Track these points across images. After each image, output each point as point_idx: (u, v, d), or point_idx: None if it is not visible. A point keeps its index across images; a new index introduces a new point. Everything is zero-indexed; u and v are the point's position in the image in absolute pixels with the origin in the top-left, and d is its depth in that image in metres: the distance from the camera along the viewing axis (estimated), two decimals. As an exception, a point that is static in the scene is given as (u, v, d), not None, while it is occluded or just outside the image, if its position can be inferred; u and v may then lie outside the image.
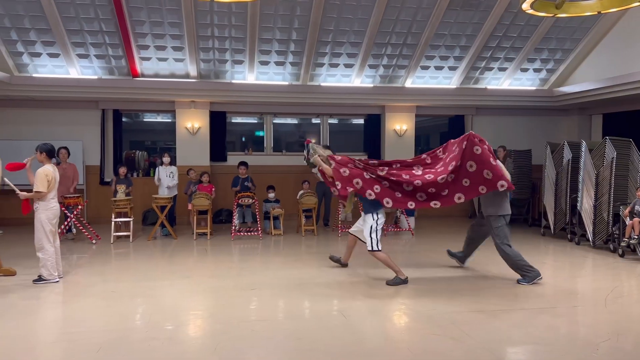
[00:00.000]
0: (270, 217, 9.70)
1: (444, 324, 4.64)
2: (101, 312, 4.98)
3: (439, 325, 4.60)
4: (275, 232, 9.64)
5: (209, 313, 5.01)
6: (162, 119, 13.11)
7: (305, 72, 10.66)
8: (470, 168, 5.98)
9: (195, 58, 10.04)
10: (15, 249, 7.88)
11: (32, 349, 4.13)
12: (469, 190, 6.02)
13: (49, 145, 6.24)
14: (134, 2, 8.73)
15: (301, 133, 13.85)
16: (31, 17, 8.83)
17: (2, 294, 5.55)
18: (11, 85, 9.73)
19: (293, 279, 6.33)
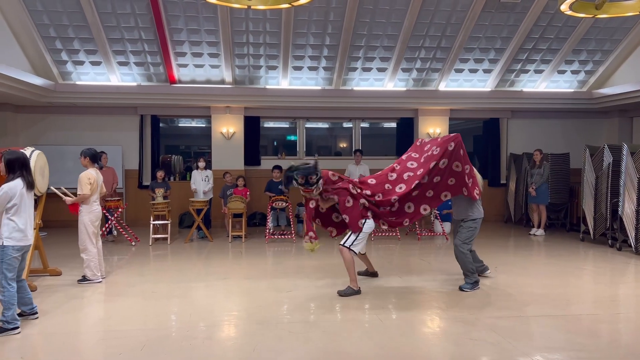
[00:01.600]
0: (303, 220, 9.77)
1: (481, 329, 4.60)
2: (142, 312, 5.13)
3: (476, 331, 4.56)
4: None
5: (246, 314, 5.10)
6: (197, 124, 13.39)
7: (338, 77, 10.73)
8: (457, 168, 5.88)
9: (230, 64, 10.24)
10: (60, 250, 8.19)
11: (79, 346, 4.30)
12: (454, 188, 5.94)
13: (93, 150, 6.48)
14: (172, 10, 8.98)
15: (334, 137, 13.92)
16: (75, 27, 9.19)
17: (50, 293, 5.78)
18: (56, 92, 10.13)
19: (327, 282, 6.37)
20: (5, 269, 4.43)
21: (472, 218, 6.04)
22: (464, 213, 6.07)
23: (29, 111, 10.97)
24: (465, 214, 6.07)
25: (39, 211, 6.26)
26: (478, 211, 6.07)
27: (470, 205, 6.02)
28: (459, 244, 6.05)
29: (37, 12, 8.83)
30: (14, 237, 4.45)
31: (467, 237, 6.06)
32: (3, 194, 4.39)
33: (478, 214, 6.07)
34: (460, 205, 6.12)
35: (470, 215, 6.04)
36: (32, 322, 4.73)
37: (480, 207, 6.12)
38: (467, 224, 6.06)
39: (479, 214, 6.08)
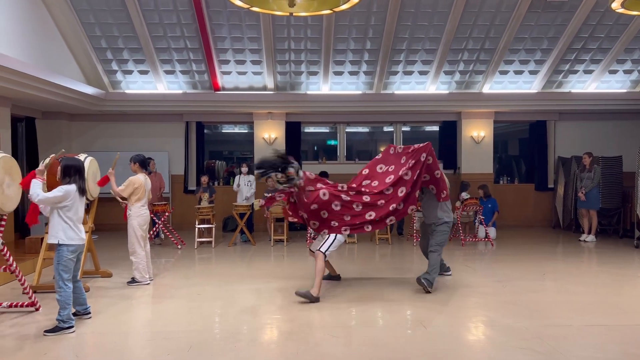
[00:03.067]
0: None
1: (529, 337, 4.46)
2: (188, 313, 5.26)
3: (523, 339, 4.43)
4: (349, 240, 9.70)
5: (289, 317, 5.14)
6: (240, 129, 13.64)
7: (379, 81, 10.70)
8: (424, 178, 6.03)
9: (272, 71, 10.39)
10: (110, 252, 8.51)
11: (129, 346, 4.45)
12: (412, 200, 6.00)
13: (142, 156, 6.71)
14: (217, 19, 9.21)
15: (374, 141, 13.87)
16: (124, 38, 9.56)
17: (101, 294, 6.01)
18: (106, 101, 10.56)
19: (368, 286, 6.34)
20: (61, 270, 4.63)
21: (445, 221, 6.15)
22: (434, 217, 6.16)
23: (81, 119, 11.47)
24: (435, 217, 6.16)
25: (92, 215, 6.53)
26: (449, 215, 6.21)
27: (439, 208, 6.14)
28: (434, 248, 6.14)
29: (90, 24, 9.25)
30: (69, 237, 4.65)
31: (441, 240, 6.16)
32: (60, 194, 4.61)
33: (449, 218, 6.20)
34: (429, 209, 6.24)
35: (441, 219, 6.14)
36: (86, 321, 4.93)
37: (450, 212, 6.27)
38: (440, 228, 6.16)
39: (450, 217, 6.22)
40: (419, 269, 7.43)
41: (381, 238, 9.78)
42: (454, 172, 12.02)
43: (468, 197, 9.79)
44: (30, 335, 4.56)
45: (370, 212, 5.89)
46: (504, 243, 9.69)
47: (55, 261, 4.64)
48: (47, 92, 8.47)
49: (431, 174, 6.06)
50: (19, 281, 5.23)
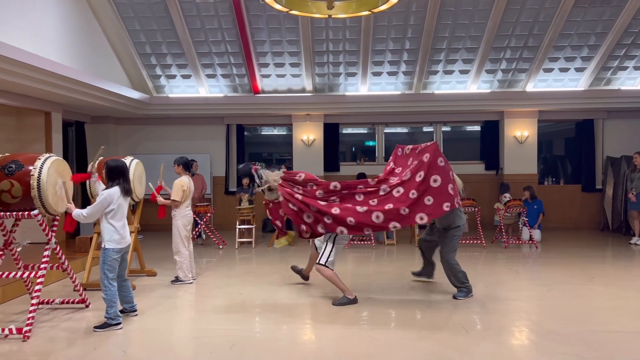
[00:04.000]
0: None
1: (575, 343, 4.32)
2: (229, 312, 5.35)
3: (569, 344, 4.29)
4: (388, 241, 9.65)
5: (328, 318, 5.16)
6: (278, 131, 13.78)
7: (419, 81, 10.60)
8: (434, 183, 5.41)
9: (311, 73, 10.47)
10: (155, 252, 8.77)
11: (174, 343, 4.58)
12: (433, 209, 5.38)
13: (185, 158, 6.89)
14: (256, 23, 9.36)
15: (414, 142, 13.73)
16: (168, 43, 9.85)
17: (146, 292, 6.21)
18: (151, 105, 10.89)
19: (407, 288, 6.29)
20: (106, 269, 4.80)
21: (456, 225, 5.90)
22: (447, 220, 5.87)
23: (127, 123, 11.88)
24: (448, 221, 5.87)
25: (137, 215, 6.75)
26: (460, 218, 5.96)
27: (453, 212, 5.77)
28: (445, 253, 5.89)
29: (135, 31, 9.57)
30: (114, 240, 4.82)
31: (453, 246, 5.93)
32: (102, 199, 4.78)
33: (460, 221, 5.95)
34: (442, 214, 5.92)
35: (454, 223, 5.88)
36: (132, 319, 5.11)
37: (463, 215, 6.04)
38: (451, 233, 5.90)
39: (462, 221, 5.98)
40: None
41: (421, 240, 9.66)
42: (497, 173, 11.76)
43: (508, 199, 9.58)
44: (80, 331, 4.76)
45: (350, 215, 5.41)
46: (549, 246, 9.40)
47: (101, 261, 4.82)
48: (96, 97, 8.82)
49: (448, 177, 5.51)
50: (71, 279, 5.46)
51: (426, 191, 5.40)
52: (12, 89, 7.35)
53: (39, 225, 4.92)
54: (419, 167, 5.50)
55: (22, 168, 4.74)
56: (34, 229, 7.74)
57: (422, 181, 5.41)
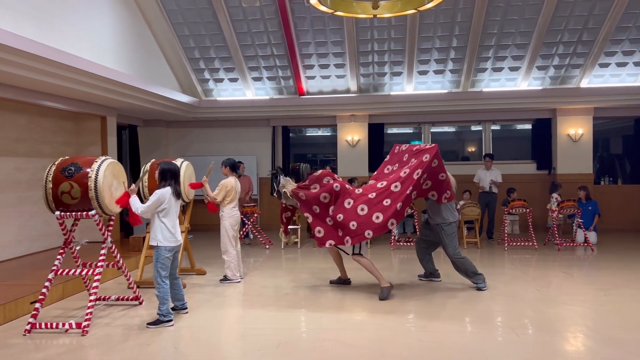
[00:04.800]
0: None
1: (634, 350, 4.11)
2: (276, 311, 5.42)
3: (628, 352, 4.08)
4: (435, 243, 9.48)
5: (374, 318, 5.13)
6: (323, 132, 13.85)
7: (466, 79, 10.38)
8: (425, 186, 5.92)
9: (355, 73, 10.45)
10: (204, 251, 9.00)
11: (223, 341, 4.68)
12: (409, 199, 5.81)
13: (232, 160, 7.03)
14: (301, 25, 9.44)
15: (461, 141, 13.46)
16: (216, 48, 10.09)
17: (196, 291, 6.38)
18: (200, 108, 11.19)
19: (456, 291, 6.17)
20: (160, 267, 4.97)
21: (450, 222, 6.11)
22: (441, 217, 6.12)
23: (177, 126, 12.24)
24: (442, 217, 6.11)
25: (187, 216, 6.94)
26: (453, 215, 6.19)
27: (445, 209, 6.10)
28: (452, 254, 6.09)
29: (184, 36, 9.86)
30: (166, 238, 4.98)
31: (454, 243, 6.13)
32: (156, 198, 4.94)
33: (454, 217, 6.17)
34: (435, 210, 6.17)
35: (447, 219, 6.10)
36: (183, 316, 5.26)
37: (454, 211, 6.25)
38: (447, 229, 6.11)
39: (454, 217, 6.19)
40: (511, 273, 7.12)
41: (469, 242, 9.46)
42: (549, 173, 11.35)
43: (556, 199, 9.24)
44: (134, 327, 4.94)
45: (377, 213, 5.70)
46: (606, 248, 8.98)
47: (154, 260, 4.99)
48: (148, 101, 9.15)
49: (434, 177, 5.91)
50: (125, 277, 5.68)
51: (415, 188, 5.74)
52: (71, 95, 7.73)
53: (96, 225, 5.14)
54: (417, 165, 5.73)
55: (80, 170, 4.97)
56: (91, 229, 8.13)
57: (418, 179, 5.70)
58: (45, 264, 6.84)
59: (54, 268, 5.03)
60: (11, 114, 7.75)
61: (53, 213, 5.04)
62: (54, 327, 4.77)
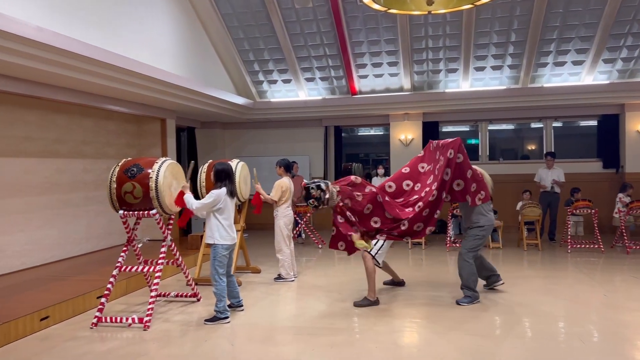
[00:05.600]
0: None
1: None
2: (330, 311, 5.43)
3: None
4: (493, 245, 9.20)
5: (426, 321, 5.03)
6: (375, 132, 13.74)
7: (526, 74, 9.99)
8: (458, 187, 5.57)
9: (409, 71, 10.30)
10: (259, 250, 9.16)
11: (278, 339, 4.72)
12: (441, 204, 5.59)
13: (286, 160, 7.11)
14: (354, 24, 9.41)
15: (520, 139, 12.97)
16: (269, 50, 10.24)
17: (252, 288, 6.49)
18: (254, 109, 11.39)
19: (515, 295, 5.94)
20: (217, 265, 5.09)
21: (479, 225, 5.66)
22: (470, 220, 5.73)
23: (233, 127, 12.53)
24: (470, 220, 5.72)
25: (243, 215, 7.09)
26: (485, 218, 5.68)
27: (476, 211, 5.65)
28: (463, 252, 5.70)
29: (239, 39, 10.07)
30: (223, 237, 5.10)
31: (472, 245, 5.68)
32: (211, 200, 5.07)
33: (485, 221, 5.67)
34: (466, 211, 5.78)
35: (476, 222, 5.66)
36: (239, 313, 5.36)
37: (488, 214, 5.72)
38: (473, 232, 5.70)
39: (487, 221, 5.68)
40: (575, 277, 6.81)
41: (530, 244, 9.11)
42: (617, 172, 10.73)
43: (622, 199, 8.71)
44: (192, 323, 5.10)
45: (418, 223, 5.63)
46: (682, 253, 8.39)
47: (212, 257, 5.12)
48: (205, 104, 9.42)
49: (463, 175, 5.51)
50: (184, 274, 5.87)
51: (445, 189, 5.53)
52: (133, 98, 8.07)
53: (157, 224, 5.34)
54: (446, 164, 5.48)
55: (142, 171, 5.17)
56: (151, 227, 8.46)
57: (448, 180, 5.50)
58: (109, 260, 7.19)
59: (118, 265, 5.27)
60: (79, 117, 8.20)
61: (117, 212, 5.28)
62: (118, 321, 4.99)
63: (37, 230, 7.27)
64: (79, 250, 8.12)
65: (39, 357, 4.27)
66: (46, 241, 7.44)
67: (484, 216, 5.69)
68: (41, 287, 5.92)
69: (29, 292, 5.66)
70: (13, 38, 4.86)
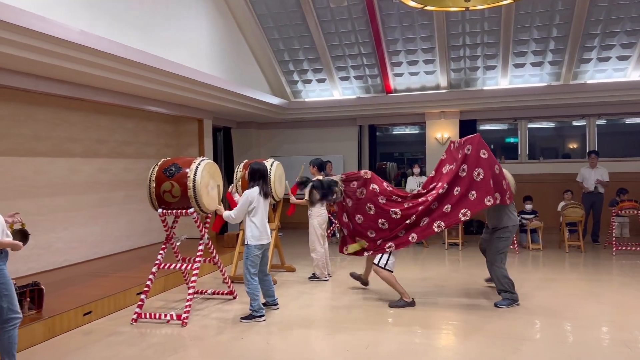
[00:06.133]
0: (527, 230, 9.05)
1: None
2: (365, 312, 5.40)
3: None
4: (533, 246, 8.96)
5: (468, 326, 4.94)
6: (410, 130, 13.58)
7: (568, 71, 9.68)
8: (478, 177, 5.22)
9: (445, 69, 10.14)
10: (293, 249, 9.20)
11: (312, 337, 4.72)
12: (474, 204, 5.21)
13: (320, 160, 7.11)
14: (389, 22, 9.33)
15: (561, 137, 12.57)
16: (304, 49, 10.27)
17: (287, 287, 6.53)
18: (289, 109, 11.45)
19: (556, 298, 5.76)
20: (249, 265, 5.13)
21: (504, 226, 5.51)
22: (495, 221, 5.56)
23: (267, 127, 12.63)
24: (496, 222, 5.55)
25: (277, 214, 7.13)
26: (509, 218, 5.53)
27: (501, 211, 5.49)
28: (492, 258, 5.58)
29: (275, 40, 10.14)
30: (255, 237, 5.13)
31: (499, 248, 5.54)
32: (245, 199, 5.12)
33: (510, 222, 5.52)
34: (491, 212, 5.60)
35: (501, 223, 5.52)
36: (274, 312, 5.40)
37: (512, 214, 5.55)
38: (498, 233, 5.55)
39: (511, 221, 5.53)
40: (620, 280, 6.56)
41: (572, 245, 8.82)
42: (665, 171, 10.27)
43: None
44: (229, 320, 5.16)
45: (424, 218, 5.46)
46: None
47: (244, 257, 5.17)
48: (241, 104, 9.53)
49: (491, 172, 5.23)
50: (220, 272, 5.96)
51: (470, 185, 5.26)
52: (172, 99, 8.24)
53: (194, 222, 5.44)
54: (462, 160, 5.34)
55: (180, 170, 5.28)
56: (189, 225, 8.62)
57: (465, 176, 5.28)
58: (149, 258, 7.37)
59: (157, 262, 5.39)
60: (120, 118, 8.43)
61: (156, 210, 5.41)
62: (156, 318, 5.11)
63: (81, 227, 7.52)
64: (119, 248, 8.36)
65: (83, 350, 4.42)
66: (89, 238, 7.69)
67: (510, 218, 5.55)
68: (84, 283, 6.13)
69: (73, 288, 5.87)
70: (59, 42, 5.04)
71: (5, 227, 3.64)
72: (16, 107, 6.48)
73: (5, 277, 3.59)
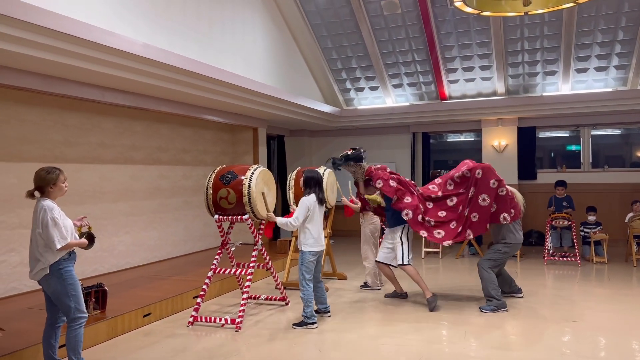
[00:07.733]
0: (590, 242, 8.61)
1: None
2: (417, 322, 5.30)
3: None
4: (596, 259, 8.51)
5: (526, 339, 4.75)
6: (465, 138, 13.25)
7: (635, 75, 9.19)
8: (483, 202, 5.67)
9: (503, 75, 9.87)
10: (345, 256, 9.18)
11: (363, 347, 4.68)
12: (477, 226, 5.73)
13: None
14: (444, 29, 9.20)
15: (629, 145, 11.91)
16: (357, 58, 10.29)
17: (338, 295, 6.52)
18: (341, 117, 11.50)
19: (622, 313, 5.44)
20: (304, 271, 5.18)
21: (505, 241, 5.79)
22: (498, 234, 5.86)
23: (320, 135, 12.72)
24: (497, 237, 5.87)
25: (329, 221, 7.15)
26: (513, 236, 5.80)
27: (503, 228, 5.78)
28: (482, 262, 5.82)
29: (328, 48, 10.23)
30: (309, 243, 5.17)
31: (493, 257, 5.80)
32: (304, 207, 5.17)
33: (512, 239, 5.79)
34: (494, 228, 5.88)
35: (504, 238, 5.80)
36: (326, 319, 5.41)
37: (517, 233, 5.82)
38: (497, 246, 5.84)
39: (514, 239, 5.80)
40: (696, 300, 6.10)
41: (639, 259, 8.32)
42: None
43: None
44: (281, 327, 5.21)
45: None
46: None
47: (300, 263, 5.22)
48: (295, 113, 9.66)
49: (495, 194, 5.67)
50: (273, 278, 6.04)
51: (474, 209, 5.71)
52: (229, 109, 8.47)
53: (249, 228, 5.55)
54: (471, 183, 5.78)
55: (236, 178, 5.41)
56: (243, 231, 8.80)
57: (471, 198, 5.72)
58: (205, 262, 7.57)
59: (213, 267, 5.53)
60: (179, 127, 8.75)
61: (212, 216, 5.56)
62: (211, 321, 5.24)
63: (141, 232, 7.84)
64: (177, 252, 8.65)
65: (143, 351, 4.59)
66: (149, 242, 8.00)
67: (513, 234, 5.82)
68: (144, 285, 6.38)
69: (134, 290, 6.12)
70: (124, 55, 5.31)
71: (74, 230, 3.85)
72: (83, 117, 6.87)
73: (73, 278, 3.80)
